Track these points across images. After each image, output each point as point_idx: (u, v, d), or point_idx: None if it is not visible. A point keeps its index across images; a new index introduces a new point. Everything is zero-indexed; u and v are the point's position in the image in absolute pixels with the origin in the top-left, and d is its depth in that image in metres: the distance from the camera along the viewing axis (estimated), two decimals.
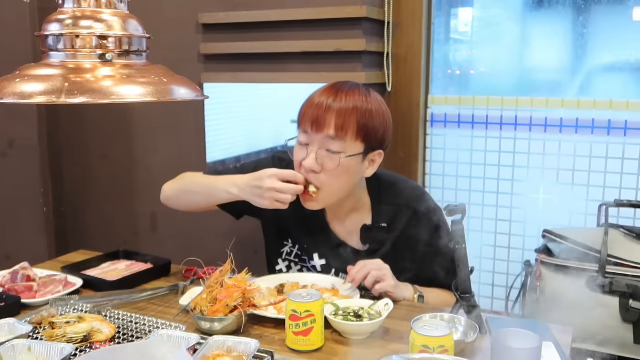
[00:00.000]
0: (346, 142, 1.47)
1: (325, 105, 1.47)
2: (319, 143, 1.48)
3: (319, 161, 1.48)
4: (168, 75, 0.83)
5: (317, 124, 1.47)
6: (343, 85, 1.53)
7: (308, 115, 1.49)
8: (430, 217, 1.59)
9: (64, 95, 0.73)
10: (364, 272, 1.47)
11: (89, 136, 2.72)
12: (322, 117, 1.46)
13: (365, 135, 1.49)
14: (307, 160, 1.49)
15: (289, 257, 1.69)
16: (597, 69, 2.19)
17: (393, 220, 1.59)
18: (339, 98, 1.48)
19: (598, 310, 1.80)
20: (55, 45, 0.79)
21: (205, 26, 2.35)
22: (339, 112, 1.46)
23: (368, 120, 1.48)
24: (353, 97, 1.48)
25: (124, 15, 0.81)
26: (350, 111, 1.47)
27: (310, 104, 1.50)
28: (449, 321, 1.28)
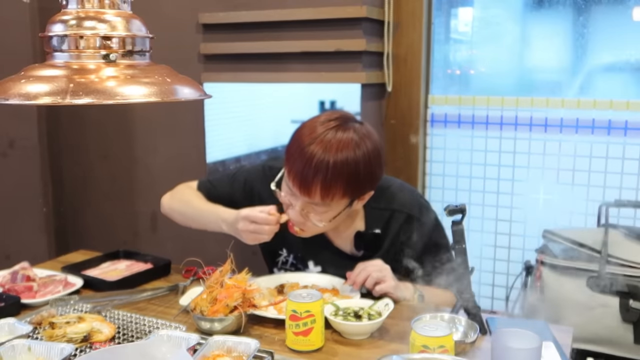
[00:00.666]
0: (331, 205, 1.46)
1: (310, 174, 1.40)
2: (303, 203, 1.47)
3: (304, 213, 1.48)
4: (171, 75, 0.83)
5: (302, 190, 1.43)
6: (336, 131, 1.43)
7: (293, 173, 1.44)
8: (424, 220, 1.58)
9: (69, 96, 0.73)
10: (364, 275, 1.47)
11: (89, 136, 2.72)
12: (309, 183, 1.41)
13: (352, 193, 1.46)
14: (292, 213, 1.49)
15: (285, 266, 1.69)
16: (597, 69, 2.19)
17: (386, 225, 1.58)
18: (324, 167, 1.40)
19: (598, 310, 1.80)
20: (59, 46, 0.79)
21: (205, 26, 2.35)
22: (324, 182, 1.40)
23: (355, 182, 1.44)
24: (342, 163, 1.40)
25: (127, 16, 0.82)
26: (336, 178, 1.41)
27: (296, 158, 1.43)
28: (449, 321, 1.28)
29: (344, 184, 1.42)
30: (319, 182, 1.41)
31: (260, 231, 1.46)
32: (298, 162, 1.43)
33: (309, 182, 1.41)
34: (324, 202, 1.44)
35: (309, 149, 1.42)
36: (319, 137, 1.43)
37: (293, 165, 1.44)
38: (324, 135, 1.42)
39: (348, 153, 1.41)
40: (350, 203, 1.49)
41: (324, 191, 1.42)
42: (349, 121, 1.47)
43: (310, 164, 1.40)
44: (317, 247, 1.63)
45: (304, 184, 1.42)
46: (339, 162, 1.40)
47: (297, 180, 1.43)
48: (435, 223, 1.59)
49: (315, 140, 1.42)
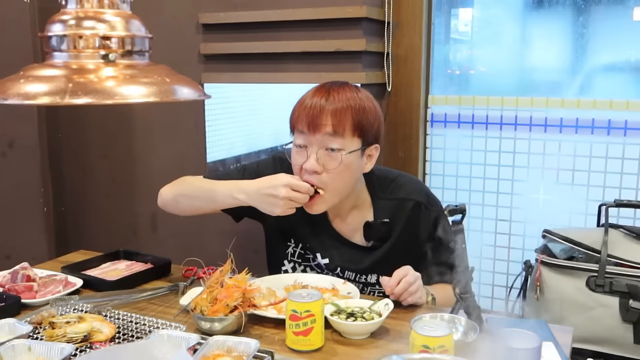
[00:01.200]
0: (345, 138, 1.49)
1: (319, 106, 1.48)
2: (318, 143, 1.49)
3: (320, 161, 1.49)
4: (171, 75, 0.83)
5: (314, 125, 1.48)
6: (333, 84, 1.54)
7: (303, 117, 1.50)
8: (431, 209, 1.61)
9: (68, 96, 0.73)
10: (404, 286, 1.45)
11: (89, 136, 2.72)
12: (318, 117, 1.47)
13: (362, 131, 1.50)
14: (308, 162, 1.49)
15: (293, 257, 1.69)
16: (597, 69, 2.19)
17: (395, 214, 1.60)
18: (331, 98, 1.49)
19: (598, 310, 1.80)
20: (58, 45, 0.79)
21: (205, 26, 2.35)
22: (334, 111, 1.48)
23: (362, 116, 1.50)
24: (345, 95, 1.50)
25: (127, 16, 0.82)
26: (344, 109, 1.48)
27: (303, 107, 1.51)
28: (449, 321, 1.28)
29: (352, 116, 1.48)
30: (329, 112, 1.47)
31: (300, 200, 1.47)
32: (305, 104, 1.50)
33: (318, 115, 1.47)
34: (336, 132, 1.47)
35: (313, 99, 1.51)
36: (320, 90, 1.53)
37: (300, 113, 1.51)
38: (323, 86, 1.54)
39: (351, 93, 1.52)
40: (361, 147, 1.51)
41: (334, 119, 1.47)
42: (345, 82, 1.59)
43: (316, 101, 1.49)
44: (325, 238, 1.64)
45: (315, 119, 1.47)
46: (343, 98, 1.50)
47: (308, 118, 1.48)
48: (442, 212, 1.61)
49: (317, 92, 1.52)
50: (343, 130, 1.48)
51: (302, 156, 1.51)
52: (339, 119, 1.47)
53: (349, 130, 1.48)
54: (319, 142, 1.48)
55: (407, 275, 1.45)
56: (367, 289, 1.64)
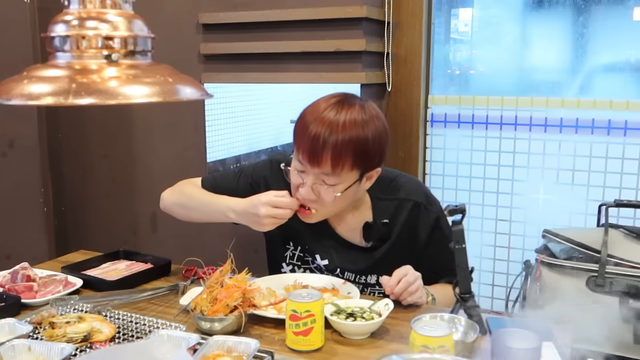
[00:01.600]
0: (342, 175, 1.46)
1: (321, 139, 1.42)
2: (315, 176, 1.47)
3: (315, 191, 1.48)
4: (173, 74, 0.83)
5: (312, 159, 1.44)
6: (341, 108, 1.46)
7: (304, 146, 1.45)
8: (430, 209, 1.61)
9: (72, 97, 0.73)
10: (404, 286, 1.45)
11: (89, 136, 2.72)
12: (318, 152, 1.43)
13: (361, 165, 1.47)
14: (303, 190, 1.49)
15: (292, 260, 1.69)
16: (597, 69, 2.19)
17: (394, 215, 1.60)
18: (334, 131, 1.42)
19: (598, 310, 1.80)
20: (61, 46, 0.79)
21: (205, 26, 2.35)
22: (335, 148, 1.42)
23: (364, 150, 1.45)
24: (350, 127, 1.43)
25: (129, 16, 0.82)
26: (346, 145, 1.42)
27: (306, 132, 1.45)
28: (449, 321, 1.28)
29: (353, 152, 1.44)
30: (329, 149, 1.42)
31: (283, 215, 1.47)
32: (307, 135, 1.45)
33: (319, 150, 1.43)
34: (334, 171, 1.44)
35: (318, 121, 1.44)
36: (326, 110, 1.46)
37: (302, 138, 1.46)
38: (330, 109, 1.46)
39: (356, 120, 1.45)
40: (359, 178, 1.50)
41: (334, 159, 1.43)
42: (352, 97, 1.51)
43: (319, 132, 1.43)
44: (324, 239, 1.64)
45: (314, 153, 1.43)
46: (347, 131, 1.43)
47: (308, 150, 1.44)
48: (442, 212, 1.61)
49: (322, 113, 1.45)
50: (341, 169, 1.44)
51: (299, 179, 1.50)
52: (338, 156, 1.43)
53: (347, 167, 1.45)
54: (316, 175, 1.47)
55: (407, 275, 1.45)
56: (367, 289, 1.64)
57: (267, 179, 1.68)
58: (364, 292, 1.62)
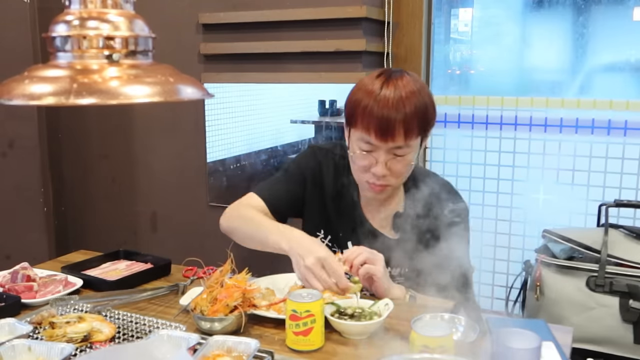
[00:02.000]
0: (411, 143, 1.50)
1: (391, 118, 1.45)
2: (386, 151, 1.49)
3: (388, 166, 1.50)
4: (174, 74, 0.83)
5: (384, 136, 1.46)
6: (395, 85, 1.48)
7: (371, 126, 1.46)
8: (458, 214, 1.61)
9: (73, 97, 0.73)
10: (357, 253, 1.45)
11: (89, 136, 2.72)
12: (389, 129, 1.45)
13: (424, 129, 1.52)
14: (377, 169, 1.50)
15: None
16: (597, 69, 2.19)
17: (425, 209, 1.60)
18: (401, 106, 1.45)
19: (598, 310, 1.80)
20: (62, 46, 0.79)
21: (205, 26, 2.35)
22: (405, 122, 1.45)
23: (426, 116, 1.50)
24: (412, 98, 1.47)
25: (130, 16, 0.82)
26: (413, 116, 1.46)
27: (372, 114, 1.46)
28: (449, 321, 1.28)
29: (419, 120, 1.47)
30: (401, 124, 1.45)
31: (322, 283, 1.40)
32: (374, 113, 1.46)
33: (392, 125, 1.45)
34: (407, 142, 1.48)
35: (380, 97, 1.46)
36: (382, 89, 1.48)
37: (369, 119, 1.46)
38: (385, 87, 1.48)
39: (412, 87, 1.48)
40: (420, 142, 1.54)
41: (406, 132, 1.46)
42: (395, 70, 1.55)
43: (387, 107, 1.45)
44: (356, 228, 1.64)
45: (388, 129, 1.45)
46: (411, 99, 1.47)
47: (379, 128, 1.46)
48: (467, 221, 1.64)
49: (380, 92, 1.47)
50: (412, 138, 1.48)
51: (369, 160, 1.51)
52: (408, 129, 1.46)
53: (416, 134, 1.49)
54: (387, 149, 1.49)
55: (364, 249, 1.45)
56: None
57: (313, 171, 1.68)
58: None
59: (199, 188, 2.51)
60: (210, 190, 2.50)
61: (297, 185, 1.68)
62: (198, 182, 2.51)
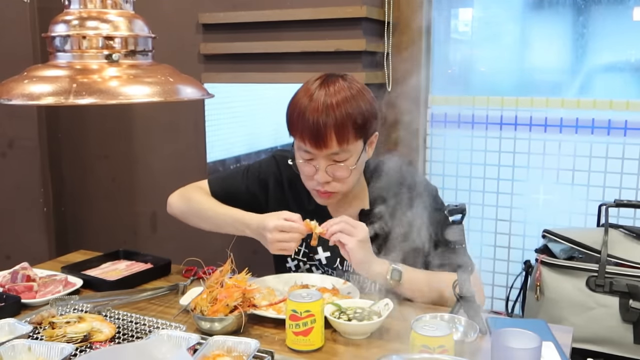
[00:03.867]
0: (349, 148, 1.49)
1: (321, 122, 1.45)
2: (325, 158, 1.49)
3: (329, 173, 1.50)
4: (174, 74, 0.83)
5: (318, 144, 1.47)
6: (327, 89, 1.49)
7: (305, 133, 1.47)
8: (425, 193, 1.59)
9: (72, 96, 0.73)
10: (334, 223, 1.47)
11: (89, 136, 2.72)
12: (322, 135, 1.45)
13: (363, 132, 1.51)
14: (319, 176, 1.51)
15: (297, 256, 1.69)
16: (597, 69, 2.19)
17: (390, 201, 1.60)
18: (331, 110, 1.45)
19: (598, 310, 1.80)
20: (62, 46, 0.79)
21: (205, 26, 2.35)
22: (337, 125, 1.45)
23: (362, 119, 1.49)
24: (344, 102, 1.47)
25: (130, 16, 0.82)
26: (345, 120, 1.46)
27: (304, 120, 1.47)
28: (449, 321, 1.28)
29: (353, 124, 1.47)
30: (331, 128, 1.45)
31: (290, 240, 1.46)
32: (305, 120, 1.47)
33: (322, 132, 1.45)
34: (342, 147, 1.47)
35: (311, 104, 1.47)
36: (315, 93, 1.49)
37: (302, 126, 1.48)
38: (318, 91, 1.49)
39: (345, 92, 1.49)
40: (364, 146, 1.53)
41: (339, 137, 1.46)
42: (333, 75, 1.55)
43: (317, 113, 1.46)
44: None
45: (319, 136, 1.46)
46: (342, 103, 1.47)
47: (312, 135, 1.46)
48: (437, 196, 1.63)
49: (313, 95, 1.48)
50: (347, 142, 1.48)
51: (311, 168, 1.52)
52: (341, 135, 1.46)
53: (352, 139, 1.48)
54: (326, 157, 1.49)
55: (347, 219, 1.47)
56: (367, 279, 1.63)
57: (275, 176, 1.69)
58: (364, 281, 1.61)
59: None
60: None
61: (257, 186, 1.69)
62: None
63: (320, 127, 1.45)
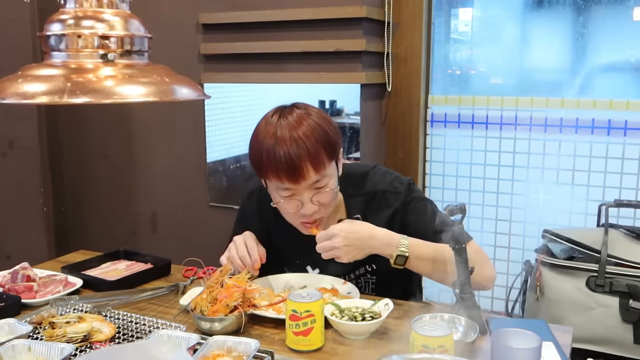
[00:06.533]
0: (327, 173, 1.46)
1: (293, 155, 1.41)
2: (307, 189, 1.46)
3: (315, 201, 1.47)
4: (170, 75, 0.83)
5: (296, 178, 1.43)
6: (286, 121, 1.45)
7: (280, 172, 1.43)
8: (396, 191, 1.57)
9: (67, 96, 0.73)
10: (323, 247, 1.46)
11: (89, 136, 2.72)
12: (298, 169, 1.42)
13: (333, 153, 1.48)
14: (306, 209, 1.47)
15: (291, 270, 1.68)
16: (597, 69, 2.19)
17: (364, 208, 1.58)
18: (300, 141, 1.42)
19: (598, 310, 1.80)
20: (57, 45, 0.79)
21: (205, 26, 2.35)
22: (310, 157, 1.42)
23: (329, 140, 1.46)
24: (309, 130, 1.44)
25: (126, 15, 0.81)
26: (316, 146, 1.43)
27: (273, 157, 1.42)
28: (449, 321, 1.28)
29: (324, 148, 1.44)
30: (305, 157, 1.41)
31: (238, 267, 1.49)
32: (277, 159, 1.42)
33: (297, 165, 1.41)
34: (320, 173, 1.44)
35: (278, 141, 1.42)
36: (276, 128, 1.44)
37: (275, 166, 1.43)
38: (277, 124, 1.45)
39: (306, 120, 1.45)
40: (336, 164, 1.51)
41: (314, 164, 1.43)
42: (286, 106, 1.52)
43: (287, 148, 1.41)
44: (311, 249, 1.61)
45: (295, 170, 1.42)
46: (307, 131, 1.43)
47: (288, 171, 1.42)
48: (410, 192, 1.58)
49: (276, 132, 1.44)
50: (324, 168, 1.45)
51: (294, 204, 1.48)
52: (316, 161, 1.43)
53: (326, 163, 1.46)
54: (307, 188, 1.46)
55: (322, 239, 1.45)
56: (361, 280, 1.62)
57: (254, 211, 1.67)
58: (359, 285, 1.61)
59: (199, 188, 2.51)
60: (210, 191, 2.50)
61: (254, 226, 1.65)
62: (198, 182, 2.51)
63: (294, 160, 1.41)
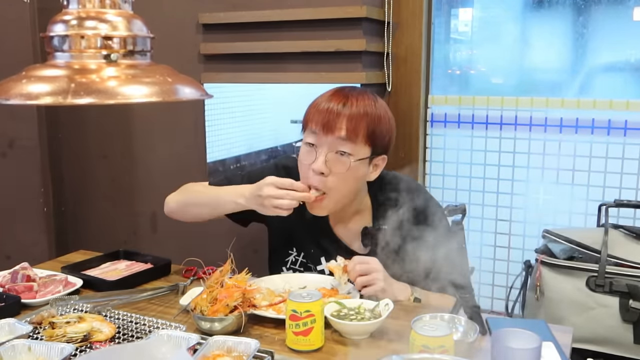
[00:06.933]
0: (356, 145, 1.49)
1: (335, 110, 1.48)
2: (329, 145, 1.49)
3: (328, 164, 1.49)
4: (172, 74, 0.83)
5: (327, 126, 1.48)
6: (351, 90, 1.54)
7: (317, 118, 1.49)
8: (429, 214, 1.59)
9: (70, 96, 0.73)
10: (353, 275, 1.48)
11: (89, 136, 2.72)
12: (333, 120, 1.48)
13: (373, 140, 1.51)
14: (316, 163, 1.49)
15: (294, 265, 1.69)
16: (597, 69, 2.19)
17: (392, 219, 1.59)
18: (349, 103, 1.49)
19: (598, 310, 1.80)
20: (60, 46, 0.79)
21: (205, 26, 2.35)
22: (350, 117, 1.48)
23: (377, 125, 1.50)
24: (363, 102, 1.50)
25: (128, 16, 0.82)
26: (360, 116, 1.48)
27: (319, 109, 1.50)
28: (449, 321, 1.28)
29: (367, 124, 1.49)
30: (344, 117, 1.47)
31: (284, 196, 1.46)
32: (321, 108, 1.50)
33: (333, 119, 1.47)
34: (349, 137, 1.47)
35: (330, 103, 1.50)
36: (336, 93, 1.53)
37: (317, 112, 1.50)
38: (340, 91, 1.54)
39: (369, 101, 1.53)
40: (370, 156, 1.52)
41: (349, 125, 1.47)
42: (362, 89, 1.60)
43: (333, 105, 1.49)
44: (327, 245, 1.63)
45: (329, 121, 1.47)
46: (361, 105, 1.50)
47: (323, 118, 1.48)
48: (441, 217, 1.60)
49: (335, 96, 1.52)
50: (356, 137, 1.48)
51: (311, 155, 1.51)
52: (353, 125, 1.48)
53: (361, 137, 1.49)
54: (330, 144, 1.49)
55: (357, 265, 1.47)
56: None
57: None
58: None
59: None
60: None
61: None
62: None
63: (334, 113, 1.48)
